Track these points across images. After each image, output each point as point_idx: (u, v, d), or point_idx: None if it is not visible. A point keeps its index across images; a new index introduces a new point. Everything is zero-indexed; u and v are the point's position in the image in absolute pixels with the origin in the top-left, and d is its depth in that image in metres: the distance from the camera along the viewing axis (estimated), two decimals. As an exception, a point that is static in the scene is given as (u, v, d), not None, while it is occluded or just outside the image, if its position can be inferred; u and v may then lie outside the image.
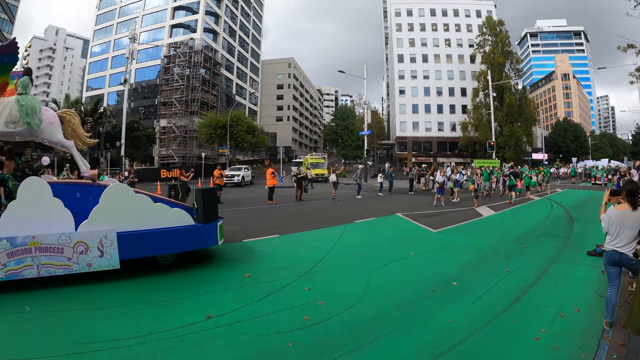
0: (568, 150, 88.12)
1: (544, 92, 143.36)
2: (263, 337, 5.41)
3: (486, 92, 66.24)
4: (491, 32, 75.84)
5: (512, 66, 75.86)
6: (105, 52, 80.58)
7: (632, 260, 5.57)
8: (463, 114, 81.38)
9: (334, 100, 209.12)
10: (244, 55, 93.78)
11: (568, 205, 22.00)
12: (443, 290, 7.59)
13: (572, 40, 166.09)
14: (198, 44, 69.58)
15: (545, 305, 6.77)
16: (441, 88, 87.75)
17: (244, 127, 59.73)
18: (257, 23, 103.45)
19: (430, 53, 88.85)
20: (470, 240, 12.58)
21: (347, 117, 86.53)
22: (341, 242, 11.98)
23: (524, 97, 79.18)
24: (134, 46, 38.18)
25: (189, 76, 66.78)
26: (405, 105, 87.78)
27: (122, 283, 7.85)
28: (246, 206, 22.71)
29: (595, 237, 10.81)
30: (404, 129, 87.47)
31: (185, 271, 8.76)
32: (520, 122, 73.26)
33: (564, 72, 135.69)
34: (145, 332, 5.47)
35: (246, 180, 42.55)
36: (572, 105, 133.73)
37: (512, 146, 70.13)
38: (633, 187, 5.80)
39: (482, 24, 79.89)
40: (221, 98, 76.09)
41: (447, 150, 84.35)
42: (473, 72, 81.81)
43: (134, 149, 53.95)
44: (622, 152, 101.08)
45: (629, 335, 5.34)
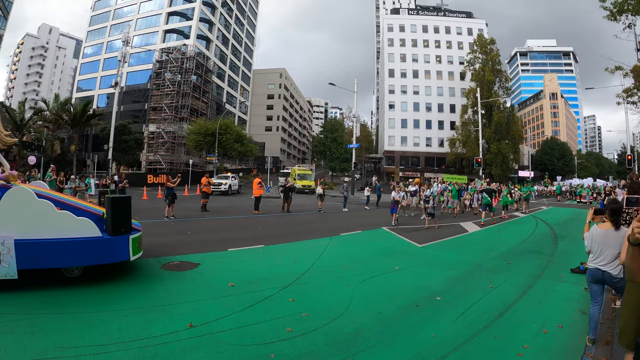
0: (554, 169, 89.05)
1: (532, 110, 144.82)
2: (246, 348, 5.36)
3: (475, 109, 66.85)
4: (482, 50, 76.63)
5: (501, 84, 76.60)
6: (98, 53, 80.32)
7: (614, 278, 5.62)
8: (451, 130, 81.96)
9: (324, 112, 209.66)
10: (236, 63, 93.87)
11: (553, 223, 22.17)
12: (427, 304, 7.57)
13: (561, 60, 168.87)
14: (191, 50, 69.49)
15: (528, 321, 6.80)
16: (430, 104, 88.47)
17: (232, 136, 59.52)
18: (250, 32, 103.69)
19: (421, 69, 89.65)
20: (455, 256, 12.62)
21: (336, 130, 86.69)
22: (326, 254, 11.95)
23: (512, 115, 79.95)
24: (126, 49, 38.05)
25: (180, 82, 66.60)
26: (394, 120, 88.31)
27: (103, 288, 7.77)
28: (232, 215, 22.67)
29: (580, 254, 10.86)
30: (392, 143, 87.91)
31: (169, 278, 8.69)
32: (507, 140, 73.92)
33: (552, 91, 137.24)
34: (126, 339, 5.39)
35: (233, 189, 42.26)
36: (560, 124, 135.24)
37: (499, 163, 70.69)
38: (616, 206, 5.85)
39: (473, 42, 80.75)
40: (211, 105, 76.00)
41: (434, 166, 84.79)
42: (462, 89, 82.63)
43: (122, 152, 53.65)
44: (608, 172, 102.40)
45: (611, 352, 5.39)
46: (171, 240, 13.45)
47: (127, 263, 8.72)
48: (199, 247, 12.05)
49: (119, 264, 8.48)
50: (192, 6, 74.67)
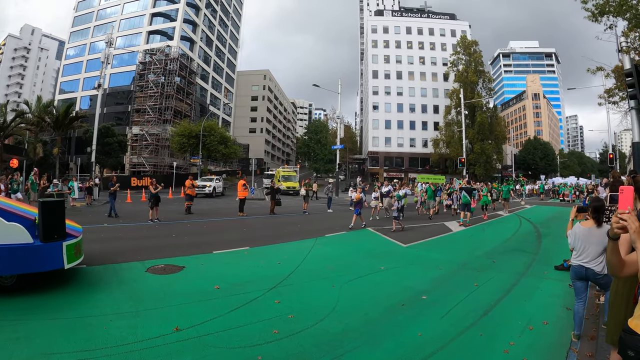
0: (537, 168, 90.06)
1: (515, 110, 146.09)
2: (232, 350, 5.32)
3: (458, 109, 67.42)
4: (465, 52, 77.36)
5: (484, 85, 77.41)
6: (81, 55, 79.33)
7: (597, 275, 5.68)
8: (435, 130, 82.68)
9: (308, 114, 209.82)
10: (220, 65, 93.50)
11: (536, 221, 22.42)
12: (413, 304, 7.59)
13: (543, 61, 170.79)
14: (174, 51, 69.09)
15: (514, 318, 6.85)
16: (414, 105, 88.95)
17: (216, 138, 59.32)
18: (234, 33, 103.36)
19: (404, 70, 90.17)
20: (440, 255, 12.69)
21: (320, 131, 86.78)
22: (311, 256, 11.93)
23: (495, 115, 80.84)
24: (109, 50, 37.66)
25: (163, 84, 66.19)
26: (378, 121, 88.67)
27: (88, 292, 7.70)
28: (217, 217, 22.57)
29: (563, 252, 11.00)
30: (376, 144, 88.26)
31: (154, 281, 8.63)
32: (491, 140, 74.73)
33: (535, 92, 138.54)
34: (112, 344, 5.31)
35: (217, 191, 42.12)
36: (542, 124, 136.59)
37: (483, 163, 71.50)
38: (599, 204, 5.92)
39: (456, 44, 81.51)
40: (195, 107, 75.72)
41: (418, 166, 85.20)
42: (446, 90, 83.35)
43: (105, 155, 53.12)
44: (590, 170, 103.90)
45: (596, 347, 5.45)
46: (156, 243, 13.36)
47: (111, 267, 8.63)
48: (184, 250, 11.99)
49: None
50: (176, 7, 74.24)
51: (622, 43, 14.97)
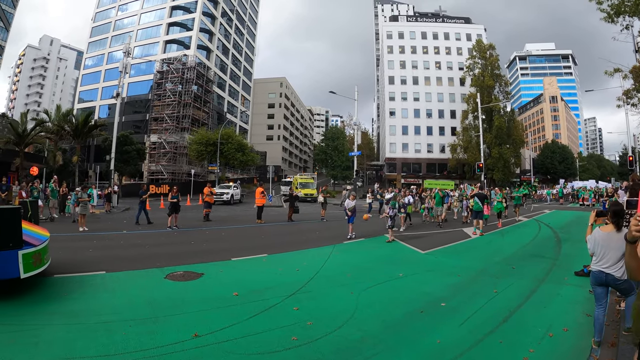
0: (556, 172, 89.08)
1: (533, 114, 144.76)
2: (251, 357, 5.35)
3: (475, 114, 66.85)
4: (481, 56, 76.78)
5: (501, 89, 76.70)
6: (99, 64, 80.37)
7: (618, 280, 5.62)
8: (452, 135, 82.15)
9: (325, 121, 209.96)
10: (236, 73, 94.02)
11: (556, 226, 22.15)
12: (431, 311, 7.57)
13: (560, 63, 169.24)
14: (191, 60, 69.56)
15: (533, 325, 6.80)
16: (431, 110, 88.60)
17: (234, 145, 59.43)
18: (250, 41, 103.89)
19: (420, 75, 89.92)
20: (458, 262, 12.63)
21: (337, 138, 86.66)
22: (330, 263, 11.95)
23: (513, 119, 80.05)
24: (127, 60, 38.02)
25: (180, 92, 66.67)
26: (395, 127, 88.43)
27: (107, 298, 7.80)
28: (235, 225, 22.63)
29: (583, 257, 10.86)
30: (393, 150, 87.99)
31: (173, 288, 8.71)
32: (508, 144, 73.96)
33: (552, 94, 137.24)
34: (131, 349, 5.39)
35: (235, 198, 42.22)
36: (560, 127, 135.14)
37: (501, 168, 70.79)
38: (618, 208, 5.83)
39: (472, 48, 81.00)
40: (212, 115, 76.15)
41: (436, 172, 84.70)
42: (462, 95, 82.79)
43: (124, 163, 53.50)
44: (610, 173, 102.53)
45: (617, 354, 5.39)
46: (174, 250, 13.51)
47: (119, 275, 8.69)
48: (203, 256, 12.09)
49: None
50: (192, 17, 74.87)
51: (639, 43, 14.82)
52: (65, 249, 12.68)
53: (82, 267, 10.10)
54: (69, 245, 13.81)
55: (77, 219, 19.09)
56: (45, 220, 21.17)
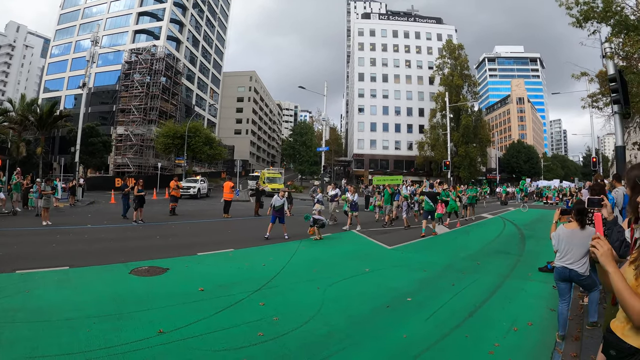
0: (521, 171, 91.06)
1: (500, 114, 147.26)
2: (217, 353, 5.27)
3: (443, 113, 67.69)
4: (451, 56, 77.91)
5: (469, 89, 78.04)
6: (66, 53, 78.18)
7: (581, 276, 5.76)
8: (420, 133, 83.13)
9: (293, 116, 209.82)
10: (206, 65, 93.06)
11: (520, 224, 22.58)
12: (398, 306, 7.59)
13: (528, 66, 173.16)
14: (160, 51, 68.62)
15: (499, 319, 6.89)
16: (399, 108, 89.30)
17: (201, 139, 58.97)
18: (221, 34, 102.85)
19: (390, 73, 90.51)
20: (424, 257, 12.74)
21: (305, 133, 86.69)
22: (296, 258, 11.93)
23: (480, 119, 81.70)
24: (95, 49, 37.18)
25: (149, 84, 65.72)
26: (363, 123, 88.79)
27: (71, 294, 7.59)
28: (201, 219, 22.45)
29: (547, 254, 11.10)
30: (361, 147, 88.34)
31: (137, 284, 8.55)
32: (475, 143, 75.42)
33: (520, 96, 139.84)
34: (95, 347, 5.23)
35: (202, 192, 41.84)
36: (526, 128, 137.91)
37: (467, 166, 72.20)
38: (582, 207, 5.96)
39: (442, 47, 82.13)
40: (180, 108, 75.19)
41: (403, 169, 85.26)
42: (431, 93, 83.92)
43: (89, 155, 52.39)
44: (573, 173, 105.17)
45: (580, 348, 5.49)
46: (139, 245, 13.26)
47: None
48: (168, 251, 11.92)
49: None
50: (163, 7, 73.74)
51: (606, 49, 15.12)
52: (28, 244, 12.45)
53: (45, 263, 9.81)
54: (32, 239, 13.55)
55: (41, 213, 18.54)
56: (8, 214, 20.68)
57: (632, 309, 2.00)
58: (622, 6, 17.43)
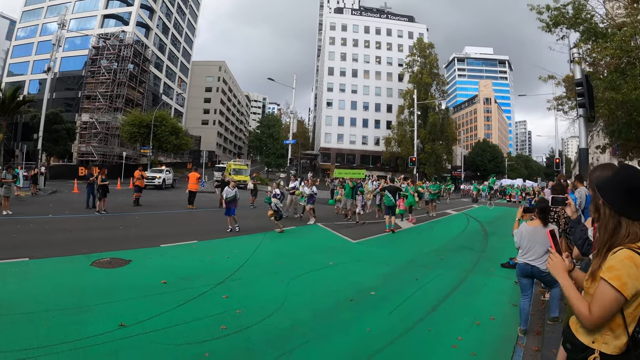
0: (486, 169, 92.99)
1: (467, 113, 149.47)
2: (179, 347, 5.18)
3: (411, 110, 68.36)
4: (421, 54, 78.56)
5: (438, 87, 79.14)
6: (32, 36, 75.11)
7: (542, 272, 5.86)
8: (387, 129, 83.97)
9: (262, 108, 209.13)
10: (175, 54, 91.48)
11: (484, 220, 23.03)
12: (361, 299, 7.61)
13: (496, 67, 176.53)
14: (129, 37, 66.97)
15: (461, 314, 6.96)
16: (368, 103, 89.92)
17: (168, 128, 58.11)
18: (191, 22, 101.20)
19: (360, 68, 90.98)
20: (388, 252, 12.84)
21: (273, 125, 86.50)
22: (260, 250, 11.89)
23: (447, 117, 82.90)
24: (61, 32, 36.19)
25: (116, 70, 64.11)
26: (331, 117, 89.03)
27: (30, 287, 7.36)
28: (166, 210, 22.15)
29: (509, 250, 11.26)
30: (328, 140, 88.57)
31: (99, 276, 8.36)
32: (441, 141, 76.62)
33: (487, 96, 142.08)
34: (55, 342, 5.07)
35: (167, 183, 41.29)
36: (492, 128, 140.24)
37: (433, 162, 73.30)
38: (544, 205, 6.12)
39: (413, 45, 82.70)
40: (147, 96, 73.65)
41: (369, 164, 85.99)
42: (400, 90, 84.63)
43: (52, 142, 51.11)
44: (536, 173, 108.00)
45: (542, 342, 5.62)
46: (102, 235, 12.95)
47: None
48: (131, 243, 11.73)
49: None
50: (134, -9, 72.02)
51: (574, 54, 15.47)
52: (-14, 234, 12.06)
53: (4, 254, 9.45)
54: (-9, 229, 13.07)
55: (1, 202, 18.00)
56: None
57: (578, 313, 2.23)
58: (592, 14, 17.84)
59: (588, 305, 2.18)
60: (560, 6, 17.90)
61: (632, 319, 2.16)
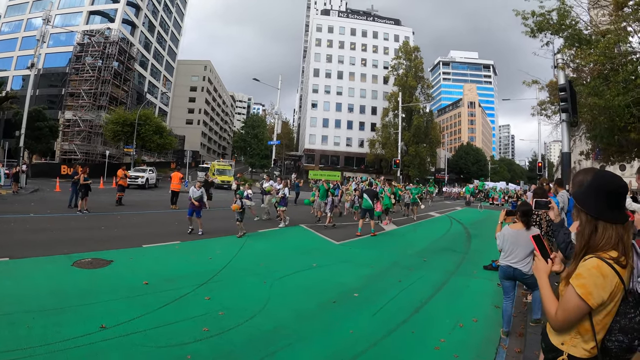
0: (469, 172, 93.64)
1: (451, 117, 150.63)
2: (161, 349, 5.15)
3: (396, 112, 68.62)
4: (406, 57, 78.88)
5: (422, 90, 79.46)
6: (16, 31, 73.90)
7: (525, 275, 5.93)
8: (372, 131, 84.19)
9: (246, 108, 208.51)
10: (160, 52, 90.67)
11: (466, 223, 23.20)
12: (344, 301, 7.62)
13: (481, 72, 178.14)
14: (114, 34, 66.19)
15: (444, 316, 7.01)
16: (353, 105, 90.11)
17: (152, 127, 57.50)
18: (178, 21, 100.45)
19: (346, 70, 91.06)
20: (372, 253, 12.87)
21: (257, 126, 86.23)
22: (243, 252, 11.82)
23: (431, 120, 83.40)
24: (46, 28, 35.73)
25: (100, 68, 63.36)
26: (316, 119, 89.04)
27: (10, 287, 7.25)
28: (148, 210, 21.97)
29: (492, 252, 11.38)
30: (312, 142, 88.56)
31: (80, 276, 8.25)
32: (425, 143, 76.91)
33: (471, 100, 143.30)
34: (35, 344, 4.99)
35: (150, 182, 40.80)
36: (476, 131, 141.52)
37: (417, 165, 73.56)
38: (527, 208, 6.20)
39: (398, 49, 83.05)
40: (132, 94, 72.84)
41: (353, 166, 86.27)
42: (385, 93, 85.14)
43: (35, 140, 50.45)
44: (519, 177, 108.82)
45: (524, 343, 5.68)
46: (83, 235, 12.77)
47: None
48: (113, 243, 11.59)
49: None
50: (120, -12, 71.26)
51: (558, 60, 15.63)
52: (-34, 233, 11.87)
53: (-17, 253, 9.31)
54: (-30, 228, 12.81)
55: (-19, 200, 17.73)
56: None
57: (547, 313, 2.35)
58: (576, 20, 18.02)
59: (556, 307, 2.27)
60: (545, 12, 18.08)
61: (602, 327, 2.22)
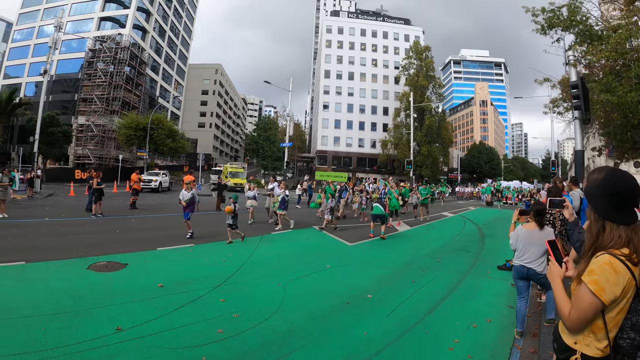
0: (482, 171, 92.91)
1: (463, 116, 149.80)
2: (176, 351, 5.17)
3: (407, 112, 68.68)
4: (417, 57, 78.73)
5: (434, 90, 79.21)
6: (28, 38, 74.86)
7: (539, 274, 5.88)
8: (384, 132, 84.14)
9: (258, 111, 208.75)
10: (172, 57, 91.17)
11: (480, 223, 23.01)
12: (358, 302, 7.60)
13: (492, 70, 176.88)
14: (125, 40, 66.67)
15: (458, 316, 6.96)
16: (364, 106, 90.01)
17: (164, 131, 57.77)
18: (188, 25, 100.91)
19: (356, 71, 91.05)
20: (385, 254, 12.84)
21: (269, 128, 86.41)
22: (257, 254, 11.83)
23: (443, 119, 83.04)
24: (58, 35, 36.03)
25: (112, 73, 63.81)
26: (328, 120, 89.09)
27: (27, 291, 7.32)
28: (162, 213, 22.13)
29: (506, 252, 11.31)
30: (325, 143, 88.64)
31: (95, 279, 8.32)
32: (438, 143, 76.71)
33: (483, 99, 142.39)
34: (51, 346, 5.05)
35: (164, 186, 41.02)
36: (488, 130, 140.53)
37: (429, 165, 73.44)
38: (540, 207, 6.13)
39: (409, 48, 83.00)
40: (144, 99, 73.42)
41: (366, 166, 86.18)
42: (396, 93, 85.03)
43: (49, 145, 50.89)
44: (533, 175, 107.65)
45: (539, 344, 5.62)
46: (98, 239, 12.91)
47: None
48: (127, 246, 11.67)
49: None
50: (131, -7, 71.73)
51: (569, 56, 15.47)
52: (-18, 238, 11.97)
53: (0, 257, 9.44)
54: (-14, 233, 12.95)
55: (-2, 205, 17.88)
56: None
57: (561, 313, 2.34)
58: (587, 16, 17.86)
59: (569, 307, 2.27)
60: (555, 8, 17.94)
61: (614, 325, 2.21)
